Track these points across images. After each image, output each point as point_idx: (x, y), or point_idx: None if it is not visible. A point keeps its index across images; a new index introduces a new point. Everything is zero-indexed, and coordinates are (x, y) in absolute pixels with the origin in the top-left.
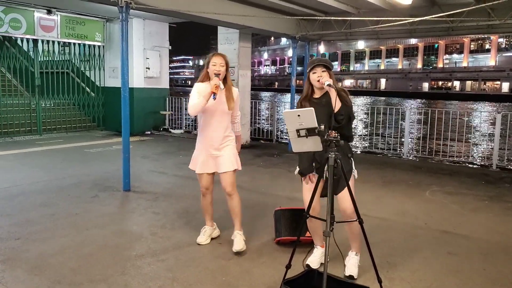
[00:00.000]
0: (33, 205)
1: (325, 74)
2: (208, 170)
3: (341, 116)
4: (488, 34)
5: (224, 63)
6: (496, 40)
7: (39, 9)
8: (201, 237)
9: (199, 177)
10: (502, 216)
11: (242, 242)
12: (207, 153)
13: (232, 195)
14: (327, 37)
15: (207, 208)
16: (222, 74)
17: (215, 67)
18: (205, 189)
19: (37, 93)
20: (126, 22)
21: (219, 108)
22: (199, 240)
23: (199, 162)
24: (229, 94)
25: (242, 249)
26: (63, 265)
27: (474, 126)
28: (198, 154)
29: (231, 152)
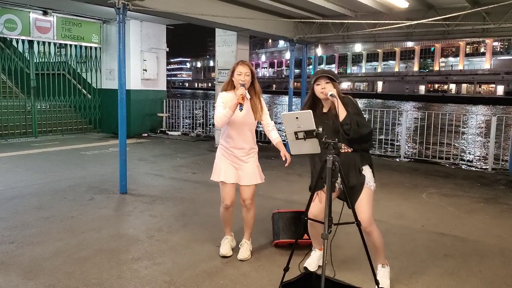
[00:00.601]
0: (28, 208)
1: (329, 86)
2: (233, 180)
3: (347, 126)
4: (483, 38)
5: (250, 72)
6: (491, 44)
7: (35, 10)
8: (225, 248)
9: (222, 187)
10: (498, 218)
11: (248, 252)
12: (230, 163)
13: (250, 209)
14: (325, 40)
15: (228, 220)
16: (247, 84)
17: (240, 77)
18: (230, 201)
19: (32, 95)
20: (123, 23)
21: (245, 119)
22: (223, 252)
23: (222, 171)
24: (255, 104)
25: (246, 259)
26: (58, 269)
27: (470, 128)
28: (220, 162)
29: (254, 165)
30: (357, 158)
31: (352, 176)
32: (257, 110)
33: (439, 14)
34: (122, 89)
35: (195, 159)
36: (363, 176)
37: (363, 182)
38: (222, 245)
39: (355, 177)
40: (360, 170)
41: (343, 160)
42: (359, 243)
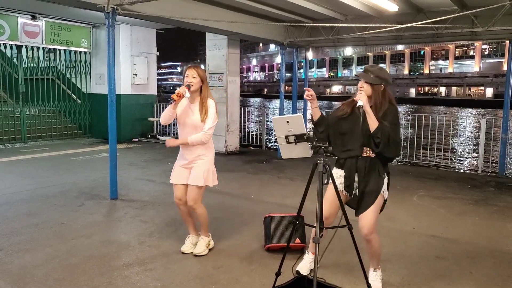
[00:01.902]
0: (17, 215)
1: (367, 88)
2: (181, 181)
3: (378, 139)
4: (472, 41)
5: (197, 75)
6: (480, 47)
7: (23, 14)
8: (185, 245)
9: (173, 188)
10: (488, 220)
11: (203, 247)
12: (181, 164)
13: (195, 209)
14: (315, 44)
15: (185, 218)
16: (194, 86)
17: (187, 79)
18: (178, 200)
19: (21, 100)
20: (112, 28)
21: (190, 120)
22: (183, 249)
23: (173, 173)
24: (202, 106)
25: (201, 253)
26: (47, 276)
27: (459, 131)
28: (175, 165)
29: (202, 167)
30: (379, 163)
31: (372, 181)
32: (202, 112)
33: (428, 17)
34: (112, 94)
35: None
36: (382, 182)
37: (380, 189)
38: (185, 242)
39: (375, 183)
40: (382, 177)
41: (365, 164)
42: (351, 246)
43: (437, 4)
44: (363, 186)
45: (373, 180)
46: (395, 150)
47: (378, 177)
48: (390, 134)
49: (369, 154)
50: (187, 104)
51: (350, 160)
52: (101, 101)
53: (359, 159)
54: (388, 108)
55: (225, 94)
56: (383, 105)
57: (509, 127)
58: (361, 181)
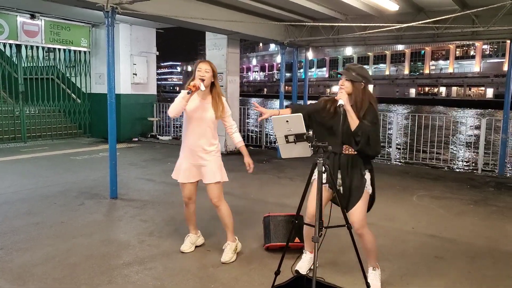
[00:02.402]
0: (17, 214)
1: (348, 85)
2: (191, 179)
3: (359, 137)
4: (473, 41)
5: (210, 70)
6: (481, 47)
7: (22, 13)
8: (185, 244)
9: (182, 187)
10: (487, 220)
11: (230, 254)
12: (191, 162)
13: (218, 207)
14: (315, 43)
15: (190, 217)
16: (207, 80)
17: (199, 73)
18: (188, 199)
19: (21, 99)
20: (112, 27)
21: (205, 116)
22: (183, 248)
23: (181, 171)
24: (216, 102)
25: (229, 261)
26: (47, 275)
27: (459, 131)
28: (181, 163)
29: (215, 163)
30: (360, 161)
31: (355, 178)
32: (217, 108)
33: (429, 17)
34: (112, 94)
35: None
36: (364, 179)
37: (364, 185)
38: (184, 241)
39: (357, 180)
40: (363, 174)
41: (347, 161)
42: (350, 245)
43: (437, 3)
44: (348, 183)
45: (356, 177)
46: (374, 148)
47: (360, 174)
48: (370, 133)
49: (350, 152)
50: (197, 100)
51: (332, 156)
52: (101, 100)
53: (341, 156)
54: (368, 107)
55: (224, 94)
56: (363, 103)
57: (509, 127)
58: (344, 177)
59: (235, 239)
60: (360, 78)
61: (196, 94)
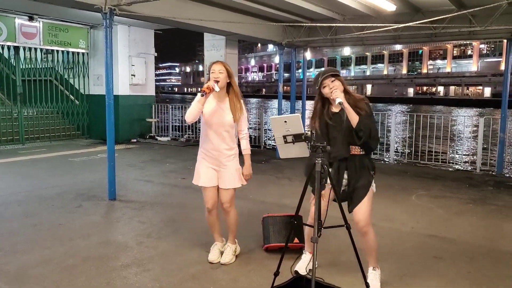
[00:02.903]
0: (14, 216)
1: (337, 84)
2: (213, 183)
3: (361, 132)
4: (470, 40)
5: (224, 70)
6: (478, 46)
7: (21, 15)
8: (212, 254)
9: (204, 191)
10: (486, 220)
11: (230, 256)
12: (210, 166)
13: (229, 212)
14: (313, 44)
15: (214, 224)
16: (221, 81)
17: (213, 74)
18: (211, 205)
19: (19, 101)
20: (110, 28)
21: (223, 120)
22: (210, 258)
23: (201, 175)
24: (234, 103)
25: (228, 263)
26: (45, 277)
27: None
28: (199, 166)
29: (234, 168)
30: (367, 160)
31: (363, 177)
32: (235, 111)
33: (426, 17)
34: (110, 95)
35: (184, 164)
36: (371, 178)
37: (370, 184)
38: (211, 251)
39: (365, 179)
40: (371, 173)
41: (355, 162)
42: (349, 246)
43: (434, 3)
44: (354, 182)
45: (364, 176)
46: (377, 140)
47: (368, 173)
48: (371, 126)
49: (357, 152)
50: (213, 102)
51: (338, 162)
52: (99, 102)
53: (349, 158)
54: (359, 100)
55: None
56: (351, 93)
57: (507, 126)
58: (351, 177)
59: (235, 242)
60: (339, 72)
61: (212, 97)
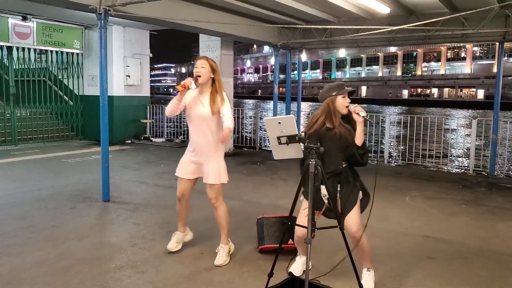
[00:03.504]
0: (7, 218)
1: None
2: (188, 175)
3: (362, 151)
4: (463, 43)
5: (206, 65)
6: (471, 49)
7: (14, 15)
8: (171, 243)
9: (178, 181)
10: (479, 220)
11: (224, 257)
12: (191, 159)
13: (217, 207)
14: (308, 45)
15: (181, 212)
16: (203, 76)
17: (196, 69)
18: (181, 194)
19: (12, 101)
20: (105, 29)
21: (199, 112)
22: (169, 247)
23: (181, 165)
24: (213, 98)
25: (222, 264)
26: (38, 279)
27: (451, 132)
28: (183, 158)
29: (218, 164)
30: (354, 171)
31: (351, 186)
32: (213, 104)
33: (420, 19)
34: (104, 96)
35: None
36: (359, 186)
37: (358, 192)
38: (171, 239)
39: (356, 188)
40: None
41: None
42: (343, 247)
43: (428, 6)
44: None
45: (351, 185)
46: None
47: (359, 182)
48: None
49: (344, 165)
50: (196, 96)
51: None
52: (94, 102)
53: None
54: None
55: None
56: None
57: (499, 127)
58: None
59: (228, 241)
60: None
61: (197, 91)
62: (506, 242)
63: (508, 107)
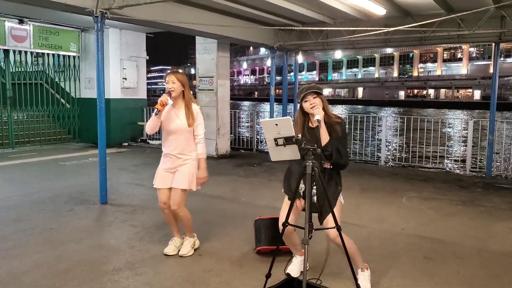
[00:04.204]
0: (5, 221)
1: (318, 101)
2: (166, 185)
3: (327, 152)
4: (459, 44)
5: (177, 80)
6: (468, 50)
7: (10, 18)
8: (168, 247)
9: (158, 192)
10: (476, 220)
11: (188, 248)
12: (166, 169)
13: (178, 213)
14: (305, 47)
15: (170, 221)
16: (176, 91)
17: (167, 85)
18: (163, 204)
19: (8, 105)
20: (101, 32)
21: (176, 125)
22: (166, 251)
23: (158, 177)
24: (187, 110)
25: (186, 254)
26: (36, 282)
27: (448, 133)
28: (158, 170)
29: (187, 171)
30: (336, 174)
31: (330, 189)
32: (189, 117)
33: (416, 20)
34: (101, 98)
35: None
36: (338, 190)
37: (338, 195)
38: (168, 244)
39: (332, 190)
40: (338, 188)
41: (324, 175)
42: (341, 248)
43: (424, 7)
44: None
45: (331, 187)
46: (345, 160)
47: (335, 184)
48: (339, 147)
49: (327, 166)
50: (170, 110)
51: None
52: (91, 105)
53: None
54: (335, 122)
55: (215, 98)
56: (331, 112)
57: (495, 128)
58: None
59: (194, 235)
60: (321, 91)
61: (169, 105)
62: (503, 242)
63: (505, 108)
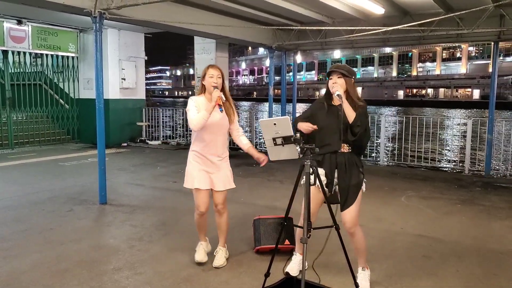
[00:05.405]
0: (4, 221)
1: (341, 82)
2: (206, 186)
3: (358, 128)
4: (457, 43)
5: (221, 75)
6: (467, 49)
7: (9, 19)
8: (199, 254)
9: (196, 194)
10: (474, 219)
11: (223, 259)
12: (203, 169)
13: (223, 213)
14: (304, 47)
15: (203, 225)
16: (219, 86)
17: (212, 79)
18: (204, 208)
19: (8, 105)
20: (100, 32)
21: (222, 123)
22: (198, 259)
23: (195, 178)
24: (228, 107)
25: (222, 265)
26: (36, 282)
27: (447, 132)
28: (192, 169)
29: (227, 169)
30: (356, 158)
31: (353, 176)
32: (230, 113)
33: (415, 20)
34: (100, 99)
35: (175, 167)
36: (361, 176)
37: (361, 183)
38: (197, 251)
39: (356, 178)
40: (361, 171)
41: (344, 159)
42: (339, 246)
43: (423, 6)
44: (347, 182)
45: (354, 174)
46: (368, 139)
47: (358, 172)
48: (367, 123)
49: (346, 150)
50: (207, 104)
51: (328, 156)
52: (89, 105)
53: (338, 154)
54: (358, 104)
55: None
56: (356, 96)
57: (494, 127)
58: (341, 177)
59: (225, 245)
60: (351, 73)
61: (206, 101)
62: (501, 241)
63: (504, 107)
